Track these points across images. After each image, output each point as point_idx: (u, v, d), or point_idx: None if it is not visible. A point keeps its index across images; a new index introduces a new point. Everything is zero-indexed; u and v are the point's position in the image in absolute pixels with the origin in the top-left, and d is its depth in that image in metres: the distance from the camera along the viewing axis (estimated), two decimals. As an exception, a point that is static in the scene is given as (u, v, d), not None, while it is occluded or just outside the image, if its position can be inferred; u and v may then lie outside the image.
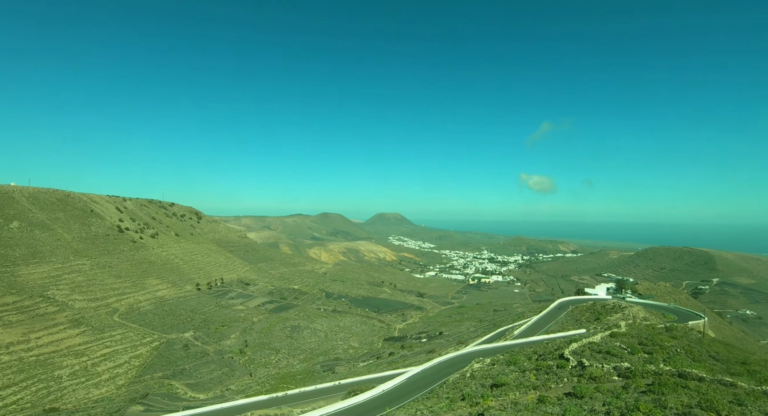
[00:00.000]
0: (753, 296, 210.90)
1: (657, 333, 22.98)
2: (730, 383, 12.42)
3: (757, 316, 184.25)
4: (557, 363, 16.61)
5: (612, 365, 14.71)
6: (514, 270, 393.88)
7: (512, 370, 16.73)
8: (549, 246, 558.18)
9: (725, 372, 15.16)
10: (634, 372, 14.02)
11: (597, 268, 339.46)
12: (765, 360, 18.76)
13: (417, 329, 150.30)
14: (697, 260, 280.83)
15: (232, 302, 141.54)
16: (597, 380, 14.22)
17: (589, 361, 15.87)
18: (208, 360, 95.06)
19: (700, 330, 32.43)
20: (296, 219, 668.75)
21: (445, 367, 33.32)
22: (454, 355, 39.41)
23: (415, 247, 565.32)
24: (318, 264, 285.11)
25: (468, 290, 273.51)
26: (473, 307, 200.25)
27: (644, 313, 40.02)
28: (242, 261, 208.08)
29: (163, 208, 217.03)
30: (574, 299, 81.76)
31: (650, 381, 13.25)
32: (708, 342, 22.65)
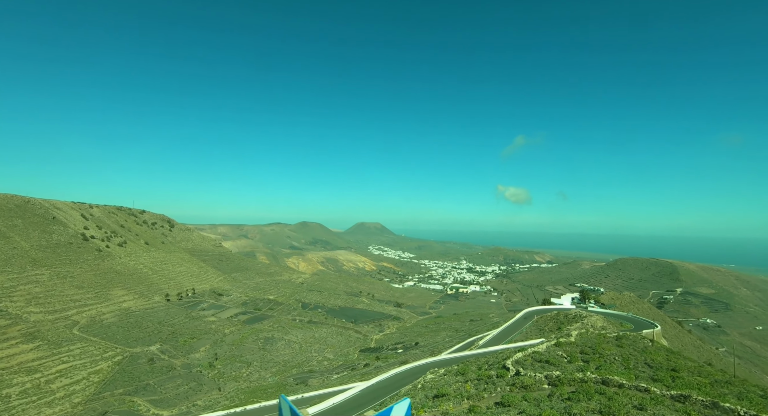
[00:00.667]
0: (713, 305, 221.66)
1: (604, 341, 24.03)
2: (645, 389, 13.20)
3: (716, 325, 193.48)
4: (498, 372, 17.10)
5: (544, 373, 15.32)
6: (491, 280, 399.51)
7: (458, 380, 17.12)
8: (525, 256, 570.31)
9: (649, 378, 16.06)
10: (562, 379, 14.65)
11: (570, 278, 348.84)
12: (697, 367, 19.93)
13: (394, 339, 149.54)
14: (662, 270, 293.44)
15: (203, 314, 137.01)
16: (527, 388, 14.78)
17: (525, 370, 16.46)
18: (175, 374, 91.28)
19: (651, 338, 34.12)
20: (275, 228, 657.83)
21: (402, 378, 33.48)
22: (413, 366, 39.62)
23: (394, 257, 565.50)
24: (295, 274, 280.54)
25: (446, 300, 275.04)
26: (450, 317, 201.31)
27: (602, 322, 41.68)
28: (216, 271, 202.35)
29: (133, 215, 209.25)
30: (540, 309, 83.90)
31: (574, 389, 13.91)
32: (652, 350, 23.86)
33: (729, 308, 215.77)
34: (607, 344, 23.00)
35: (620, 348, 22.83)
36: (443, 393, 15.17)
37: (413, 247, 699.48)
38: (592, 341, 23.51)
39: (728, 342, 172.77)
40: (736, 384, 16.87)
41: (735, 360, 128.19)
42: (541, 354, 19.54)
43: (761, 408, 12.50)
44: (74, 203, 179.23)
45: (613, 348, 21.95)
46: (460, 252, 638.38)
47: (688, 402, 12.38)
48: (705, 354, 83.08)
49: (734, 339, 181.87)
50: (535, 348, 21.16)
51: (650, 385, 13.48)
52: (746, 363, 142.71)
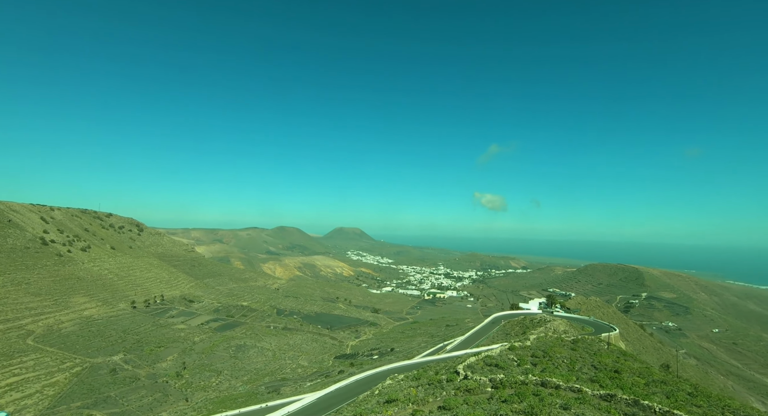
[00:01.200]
0: (674, 309, 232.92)
1: (558, 345, 25.09)
2: (578, 389, 14.02)
3: (677, 328, 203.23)
4: (448, 376, 17.62)
5: (489, 377, 15.96)
6: (468, 285, 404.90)
7: (410, 385, 17.51)
8: (501, 262, 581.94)
9: (588, 379, 16.99)
10: (504, 382, 15.31)
11: (544, 283, 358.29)
12: (642, 368, 21.12)
13: (370, 345, 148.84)
14: (629, 276, 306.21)
15: (172, 321, 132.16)
16: (471, 392, 15.33)
17: (473, 374, 17.05)
18: (139, 385, 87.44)
19: (609, 341, 35.78)
20: (251, 233, 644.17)
21: (363, 384, 33.65)
22: (375, 372, 39.82)
23: (373, 262, 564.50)
24: (271, 280, 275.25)
25: (423, 306, 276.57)
26: (426, 322, 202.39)
27: (565, 326, 43.27)
28: (187, 277, 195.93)
29: (99, 219, 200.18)
30: (508, 315, 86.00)
31: (513, 391, 14.56)
32: (604, 353, 25.10)
33: (689, 312, 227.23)
34: (561, 347, 24.00)
35: (573, 351, 23.85)
36: (393, 398, 15.50)
37: (392, 252, 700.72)
38: (547, 345, 24.47)
39: (688, 344, 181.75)
40: (671, 384, 18.05)
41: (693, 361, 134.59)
42: (493, 358, 20.20)
43: (680, 405, 13.50)
44: (33, 205, 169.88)
45: (565, 351, 22.92)
46: (438, 258, 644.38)
47: (613, 401, 13.26)
48: (664, 356, 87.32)
49: (693, 341, 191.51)
50: (488, 353, 21.83)
51: (586, 386, 14.28)
52: (703, 364, 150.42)
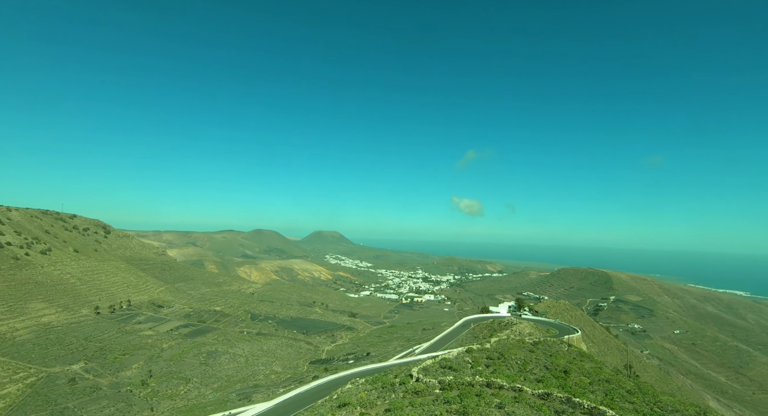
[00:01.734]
0: (640, 312, 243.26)
1: (517, 347, 26.04)
2: (519, 389, 14.72)
3: (642, 329, 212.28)
4: (402, 379, 18.02)
5: (438, 379, 16.45)
6: (445, 289, 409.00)
7: (366, 389, 17.76)
8: (478, 266, 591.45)
9: (534, 380, 17.81)
10: (451, 384, 15.83)
11: (518, 287, 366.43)
12: (594, 368, 22.24)
13: (346, 350, 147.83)
14: (598, 280, 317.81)
15: (138, 327, 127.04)
16: (419, 394, 15.78)
17: (425, 377, 17.53)
18: (100, 395, 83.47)
19: (569, 342, 37.26)
20: (226, 235, 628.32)
21: (324, 389, 33.75)
22: (336, 377, 39.96)
23: (352, 266, 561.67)
24: (246, 284, 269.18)
25: (401, 310, 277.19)
26: (404, 326, 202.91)
27: (530, 329, 44.71)
28: (157, 281, 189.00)
29: (62, 220, 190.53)
30: (477, 318, 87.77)
31: (458, 392, 15.09)
32: (561, 354, 26.19)
33: (653, 315, 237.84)
34: (518, 349, 24.86)
35: (531, 353, 24.75)
36: (346, 402, 15.74)
37: (371, 256, 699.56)
38: (506, 347, 25.28)
39: (651, 345, 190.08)
40: (614, 382, 19.11)
41: (656, 361, 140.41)
42: (449, 361, 20.72)
43: (612, 401, 14.40)
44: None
45: (521, 353, 23.77)
46: (416, 262, 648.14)
47: (548, 399, 13.96)
48: (626, 356, 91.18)
49: (656, 342, 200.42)
50: (446, 356, 22.37)
51: (528, 386, 14.96)
52: (665, 364, 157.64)
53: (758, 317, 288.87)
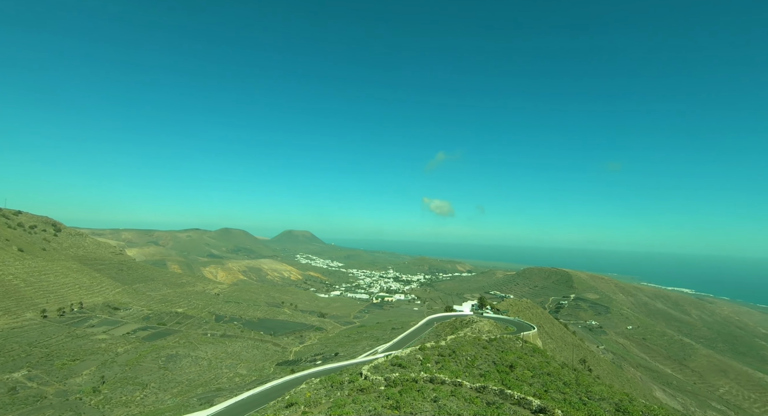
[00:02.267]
0: (597, 309, 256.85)
1: (471, 344, 27.08)
2: (459, 383, 15.48)
3: (599, 326, 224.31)
4: (351, 378, 18.40)
5: (385, 376, 16.94)
6: (416, 289, 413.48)
7: (316, 389, 17.97)
8: (448, 266, 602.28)
9: (478, 375, 18.72)
10: (396, 381, 16.38)
11: (486, 286, 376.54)
12: (541, 363, 23.56)
13: (314, 350, 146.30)
14: (560, 279, 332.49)
15: (91, 331, 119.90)
16: (364, 391, 16.19)
17: (373, 375, 17.98)
18: (45, 404, 78.09)
19: (524, 339, 39.06)
20: (192, 234, 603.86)
21: (279, 390, 33.68)
22: (294, 377, 39.90)
23: (323, 266, 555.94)
24: (212, 284, 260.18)
25: (371, 309, 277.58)
26: (373, 326, 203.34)
27: (489, 326, 46.33)
28: (113, 282, 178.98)
29: (5, 217, 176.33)
30: (441, 317, 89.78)
31: (400, 388, 15.64)
32: (512, 350, 27.49)
33: (609, 312, 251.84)
34: (472, 346, 25.83)
35: (484, 349, 25.76)
36: (293, 402, 15.90)
37: (343, 256, 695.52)
38: (460, 344, 26.20)
39: (606, 340, 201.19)
40: (554, 375, 20.37)
41: (610, 355, 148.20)
42: (400, 359, 21.26)
43: (543, 393, 15.41)
44: None
45: (472, 350, 24.73)
46: (388, 262, 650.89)
47: (483, 392, 14.78)
48: (582, 352, 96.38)
49: (611, 337, 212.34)
50: (398, 354, 22.92)
51: (469, 380, 15.71)
52: (618, 358, 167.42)
53: (701, 312, 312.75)
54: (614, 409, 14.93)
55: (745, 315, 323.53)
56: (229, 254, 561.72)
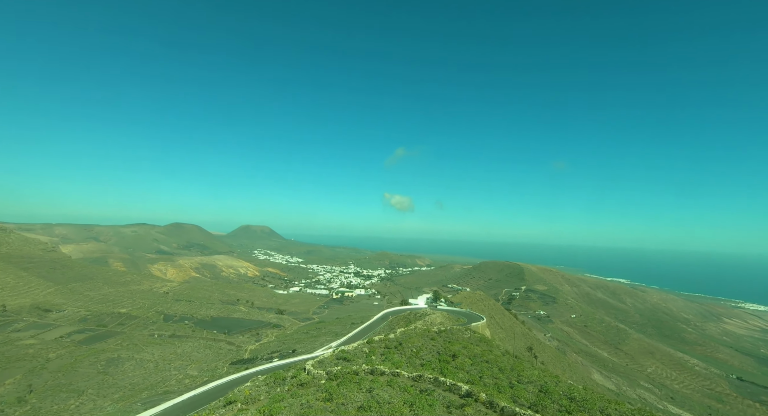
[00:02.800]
0: (546, 299, 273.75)
1: (419, 335, 28.00)
2: (398, 373, 16.12)
3: (546, 315, 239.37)
4: (294, 373, 18.43)
5: (327, 370, 17.18)
6: (376, 283, 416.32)
7: (259, 385, 17.76)
8: (408, 261, 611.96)
9: (419, 365, 19.56)
10: (337, 374, 16.66)
11: (444, 280, 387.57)
12: (483, 351, 24.91)
13: (271, 348, 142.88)
14: (513, 272, 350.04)
15: (16, 336, 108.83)
16: (304, 385, 16.34)
17: (316, 369, 18.14)
18: (-41, 418, 70.01)
19: (475, 330, 41.04)
20: (138, 230, 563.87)
21: (224, 389, 33.03)
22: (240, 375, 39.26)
23: (282, 262, 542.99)
24: (160, 282, 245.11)
25: (330, 305, 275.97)
26: (333, 322, 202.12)
27: (441, 318, 48.00)
28: (44, 281, 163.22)
29: None
30: (396, 310, 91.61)
31: (339, 381, 15.96)
32: (459, 340, 28.78)
33: (556, 302, 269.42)
34: (420, 338, 26.67)
35: (432, 340, 26.71)
36: (233, 400, 15.61)
37: (303, 251, 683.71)
38: (408, 336, 26.94)
39: (553, 329, 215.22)
40: (492, 362, 21.72)
41: (555, 343, 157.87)
42: (346, 352, 21.53)
43: (476, 379, 16.43)
44: None
45: (420, 341, 25.57)
46: (349, 257, 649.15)
47: (419, 381, 15.49)
48: (530, 340, 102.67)
49: (557, 326, 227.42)
50: (344, 347, 23.21)
51: (408, 371, 16.33)
52: (562, 345, 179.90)
53: (634, 301, 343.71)
54: (538, 390, 16.21)
55: (671, 302, 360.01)
56: (181, 250, 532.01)
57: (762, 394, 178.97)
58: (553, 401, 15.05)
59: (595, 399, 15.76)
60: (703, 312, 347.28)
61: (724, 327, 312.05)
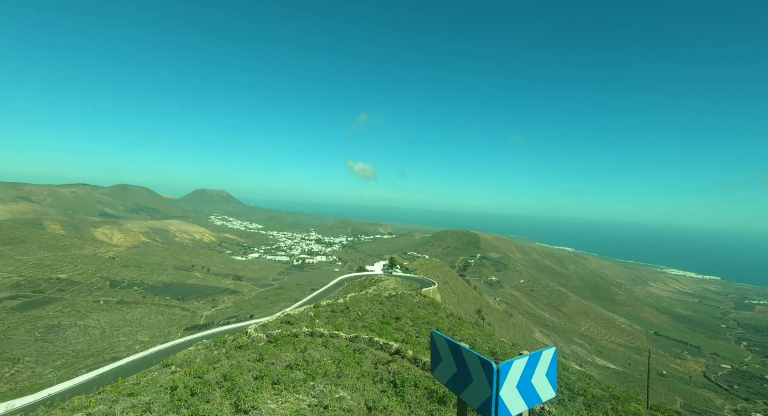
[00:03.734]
0: (498, 266, 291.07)
1: (367, 300, 28.63)
2: (336, 335, 16.44)
3: (497, 281, 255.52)
4: (236, 336, 18.28)
5: (267, 333, 17.15)
6: (338, 250, 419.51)
7: (198, 349, 17.45)
8: (371, 228, 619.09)
9: (361, 327, 20.07)
10: (277, 337, 16.67)
11: (404, 247, 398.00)
12: (428, 315, 26.02)
13: (228, 314, 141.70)
14: (469, 240, 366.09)
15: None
16: (242, 348, 16.22)
17: (258, 332, 18.04)
18: None
19: (426, 294, 42.80)
20: (78, 190, 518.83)
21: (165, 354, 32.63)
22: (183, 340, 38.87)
23: (240, 228, 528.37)
24: (105, 247, 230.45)
25: (291, 271, 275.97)
26: (293, 288, 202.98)
27: (395, 284, 49.44)
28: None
29: None
30: (352, 276, 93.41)
31: (278, 343, 15.98)
32: (411, 304, 29.80)
33: (507, 268, 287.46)
34: (368, 302, 27.23)
35: (380, 304, 27.41)
36: (168, 363, 15.21)
37: (262, 218, 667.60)
38: (356, 301, 27.44)
39: (502, 293, 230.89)
40: (432, 324, 22.83)
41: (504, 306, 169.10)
42: (290, 316, 21.54)
43: (409, 338, 17.14)
44: None
45: (368, 305, 26.14)
46: (310, 224, 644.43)
47: (355, 341, 15.91)
48: (480, 304, 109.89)
49: (507, 290, 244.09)
50: (289, 311, 23.26)
51: (348, 332, 16.61)
52: (510, 308, 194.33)
53: (577, 267, 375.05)
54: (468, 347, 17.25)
55: (607, 268, 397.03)
56: (128, 213, 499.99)
57: (673, 346, 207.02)
58: (476, 356, 16.18)
59: (514, 353, 17.15)
60: (633, 276, 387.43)
61: (648, 289, 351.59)
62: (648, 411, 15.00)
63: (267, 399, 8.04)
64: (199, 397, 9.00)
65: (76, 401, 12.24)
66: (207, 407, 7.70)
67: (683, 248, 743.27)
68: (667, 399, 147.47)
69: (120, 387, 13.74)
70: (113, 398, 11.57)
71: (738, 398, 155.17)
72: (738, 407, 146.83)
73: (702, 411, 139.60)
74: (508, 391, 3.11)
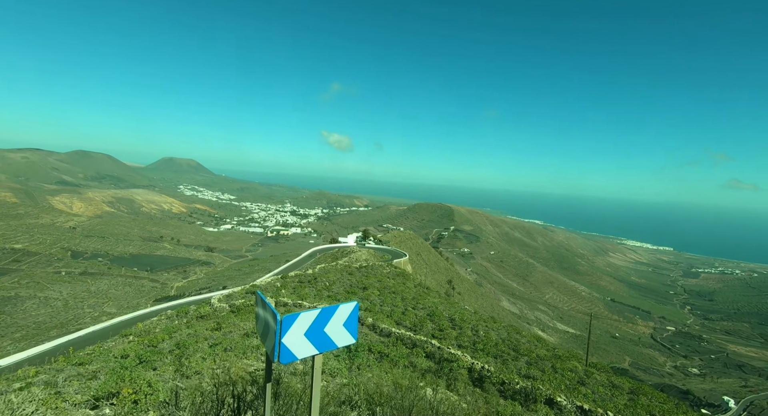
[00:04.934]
0: (470, 239, 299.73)
1: (336, 271, 28.86)
2: (300, 304, 16.58)
3: (469, 253, 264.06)
4: (200, 307, 18.11)
5: (229, 303, 17.10)
6: (313, 222, 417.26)
7: (161, 319, 17.16)
8: (346, 200, 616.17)
9: (326, 296, 20.26)
10: (239, 306, 16.63)
11: (380, 220, 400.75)
12: (396, 284, 26.56)
13: (200, 285, 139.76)
14: (444, 213, 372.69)
15: None
16: (204, 318, 16.10)
17: (221, 303, 17.90)
18: None
19: (398, 265, 43.64)
20: (30, 156, 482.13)
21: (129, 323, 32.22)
22: (149, 311, 38.44)
23: (212, 198, 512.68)
24: (65, 217, 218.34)
25: (265, 243, 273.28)
26: (267, 259, 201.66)
27: (367, 256, 49.95)
28: None
29: None
30: (325, 248, 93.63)
31: (239, 313, 15.94)
32: (380, 275, 30.26)
33: (479, 240, 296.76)
34: (337, 273, 27.40)
35: (350, 275, 27.65)
36: (127, 334, 14.89)
37: (235, 188, 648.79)
38: (325, 272, 27.59)
39: (474, 264, 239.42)
40: (398, 292, 23.42)
41: (475, 276, 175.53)
42: (257, 287, 21.45)
43: (372, 307, 17.52)
44: None
45: (336, 276, 26.32)
46: (285, 195, 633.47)
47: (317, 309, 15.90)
48: (451, 274, 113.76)
49: (478, 262, 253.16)
50: (256, 282, 23.18)
51: (310, 301, 16.73)
52: (480, 278, 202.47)
53: (544, 239, 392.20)
54: (426, 314, 17.95)
55: (572, 240, 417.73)
56: (89, 182, 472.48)
57: (626, 311, 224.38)
58: (434, 322, 16.87)
59: (473, 319, 18.01)
60: (595, 247, 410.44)
61: (608, 259, 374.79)
62: (584, 368, 16.24)
63: (213, 366, 7.93)
64: (146, 364, 8.79)
65: (20, 372, 11.75)
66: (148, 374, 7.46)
67: (642, 221, 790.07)
68: (617, 359, 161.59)
69: (71, 358, 13.31)
70: (60, 367, 11.13)
71: (678, 355, 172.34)
72: (678, 363, 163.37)
73: (647, 368, 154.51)
74: (294, 339, 3.60)
